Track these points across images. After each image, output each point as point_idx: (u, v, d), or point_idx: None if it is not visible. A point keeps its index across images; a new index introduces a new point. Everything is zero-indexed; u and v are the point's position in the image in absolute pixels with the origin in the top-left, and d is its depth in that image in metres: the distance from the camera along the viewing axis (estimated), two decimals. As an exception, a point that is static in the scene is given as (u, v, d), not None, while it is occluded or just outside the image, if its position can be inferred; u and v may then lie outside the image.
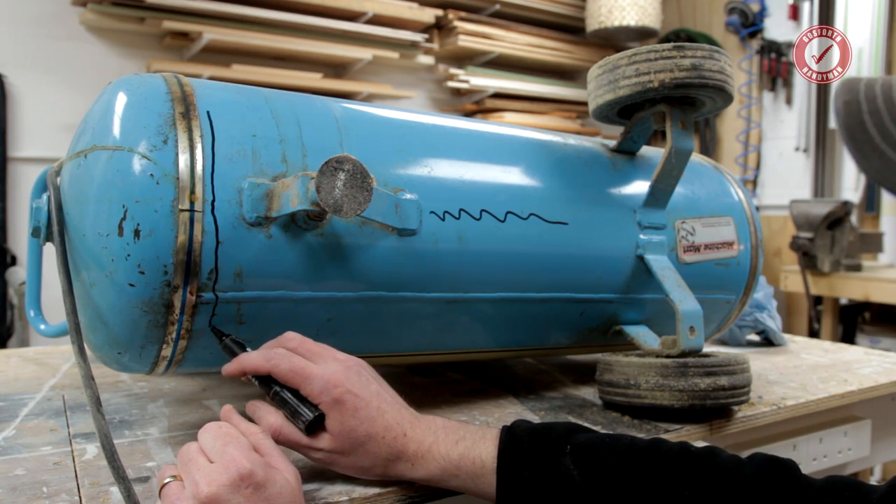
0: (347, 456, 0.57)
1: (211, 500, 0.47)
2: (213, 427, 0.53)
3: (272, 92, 0.71)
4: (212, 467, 0.48)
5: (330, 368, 0.57)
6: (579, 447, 0.57)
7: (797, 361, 1.12)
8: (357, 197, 0.60)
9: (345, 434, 0.56)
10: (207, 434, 0.52)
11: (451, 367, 1.02)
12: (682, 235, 0.90)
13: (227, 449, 0.50)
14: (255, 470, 0.48)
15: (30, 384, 0.90)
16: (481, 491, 0.58)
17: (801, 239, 2.34)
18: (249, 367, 0.59)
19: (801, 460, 0.88)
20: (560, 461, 0.56)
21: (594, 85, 0.83)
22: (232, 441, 0.51)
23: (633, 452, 0.56)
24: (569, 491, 0.55)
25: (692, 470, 0.54)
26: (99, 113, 0.64)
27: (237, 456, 0.49)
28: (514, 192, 0.78)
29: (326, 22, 2.57)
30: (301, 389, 0.57)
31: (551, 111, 3.24)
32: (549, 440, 0.58)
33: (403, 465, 0.58)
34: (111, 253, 0.59)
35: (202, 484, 0.47)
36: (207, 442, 0.51)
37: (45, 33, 2.31)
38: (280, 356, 0.58)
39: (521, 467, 0.57)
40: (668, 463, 0.55)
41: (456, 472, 0.58)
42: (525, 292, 0.79)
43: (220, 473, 0.48)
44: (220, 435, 0.52)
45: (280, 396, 0.57)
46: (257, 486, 0.48)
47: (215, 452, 0.50)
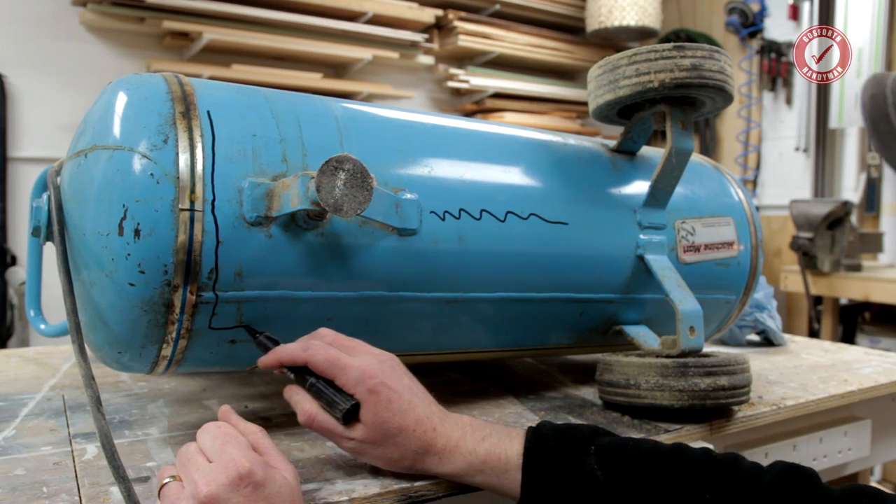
0: (378, 446, 0.58)
1: (210, 500, 0.47)
2: (211, 427, 0.53)
3: (272, 92, 0.71)
4: (211, 467, 0.49)
5: (365, 361, 0.59)
6: (603, 448, 0.58)
7: (797, 361, 1.12)
8: (357, 196, 0.60)
9: (378, 425, 0.57)
10: (206, 434, 0.52)
11: (451, 367, 1.02)
12: (682, 235, 0.90)
13: (226, 448, 0.50)
14: (255, 469, 0.49)
15: (30, 384, 0.90)
16: (505, 487, 0.59)
17: (801, 239, 2.34)
18: (286, 357, 0.60)
19: (801, 460, 0.88)
20: (584, 460, 0.58)
21: (594, 85, 0.83)
22: (231, 440, 0.51)
23: (656, 455, 0.58)
24: (592, 490, 0.56)
25: (713, 475, 0.55)
26: (99, 113, 0.64)
27: (236, 455, 0.49)
28: (515, 191, 0.78)
29: (326, 22, 2.57)
30: (336, 380, 0.58)
31: (551, 111, 3.24)
32: (575, 440, 0.59)
33: (431, 459, 0.59)
34: (111, 252, 0.59)
35: (201, 483, 0.47)
36: (206, 442, 0.52)
37: (45, 33, 2.31)
38: (317, 347, 0.59)
39: (547, 465, 0.58)
40: (689, 467, 0.56)
41: (482, 468, 0.59)
42: (525, 292, 0.79)
43: (219, 473, 0.48)
44: (218, 435, 0.52)
45: (316, 388, 0.59)
46: (257, 485, 0.48)
47: (214, 452, 0.50)
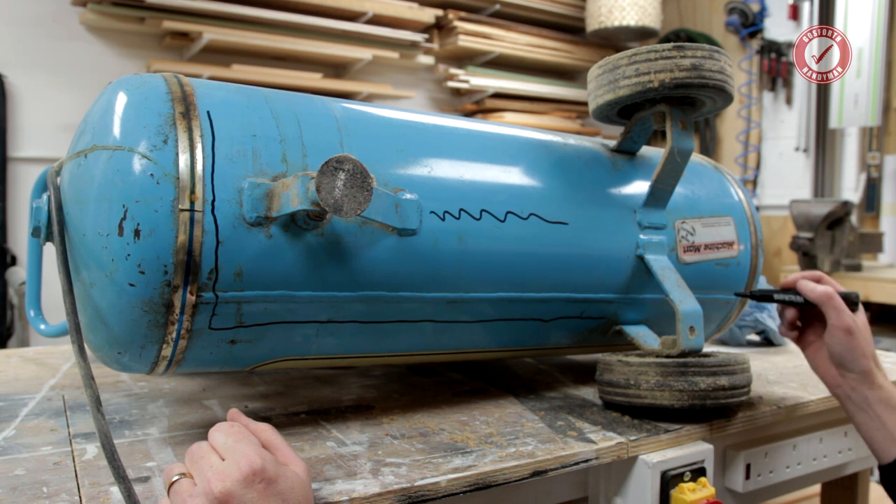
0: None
1: (224, 497, 0.47)
2: (224, 426, 0.54)
3: (272, 92, 0.71)
4: (223, 464, 0.49)
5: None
6: None
7: (797, 361, 1.12)
8: (357, 197, 0.60)
9: None
10: (218, 432, 0.53)
11: (451, 367, 1.02)
12: (682, 235, 0.90)
13: (238, 446, 0.50)
14: (267, 465, 0.49)
15: (30, 384, 0.90)
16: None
17: (801, 239, 2.34)
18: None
19: (801, 460, 0.88)
20: None
21: (594, 85, 0.83)
22: (243, 438, 0.51)
23: None
24: None
25: None
26: (99, 113, 0.64)
27: (248, 452, 0.49)
28: (514, 191, 0.78)
29: (326, 22, 2.57)
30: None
31: (551, 111, 3.24)
32: None
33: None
34: (111, 253, 0.59)
35: (214, 480, 0.48)
36: (218, 439, 0.52)
37: (45, 33, 2.31)
38: None
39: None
40: None
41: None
42: (525, 292, 0.79)
43: (232, 469, 0.48)
44: (230, 433, 0.52)
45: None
46: (269, 481, 0.48)
47: (227, 449, 0.50)
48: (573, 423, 0.76)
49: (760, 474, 0.83)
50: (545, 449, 0.68)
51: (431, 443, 0.69)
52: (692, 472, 0.72)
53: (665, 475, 0.71)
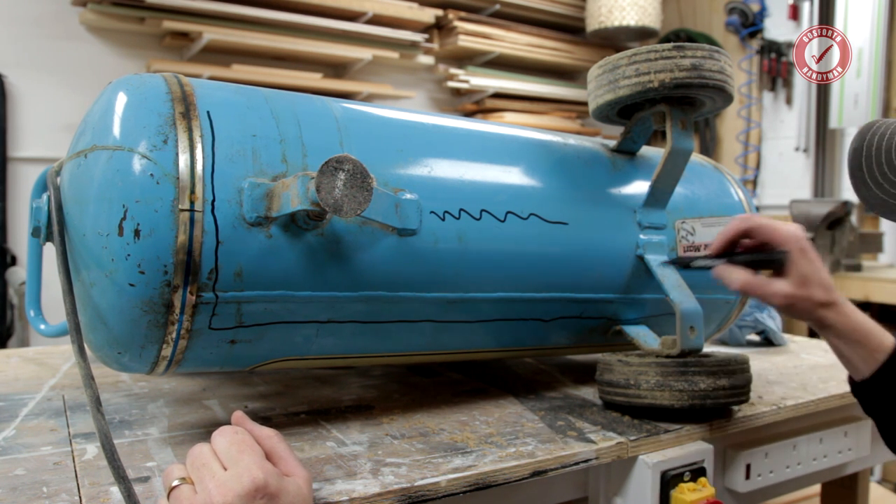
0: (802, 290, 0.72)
1: None
2: (228, 432, 0.53)
3: (272, 92, 0.71)
4: (226, 476, 0.48)
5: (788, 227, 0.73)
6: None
7: (797, 361, 1.12)
8: (357, 197, 0.60)
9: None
10: (223, 438, 0.52)
11: (451, 367, 1.02)
12: (682, 235, 0.90)
13: (241, 457, 0.50)
14: (270, 481, 0.48)
15: (30, 384, 0.90)
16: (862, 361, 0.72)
17: (801, 239, 2.33)
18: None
19: (801, 460, 0.88)
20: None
21: (594, 85, 0.83)
22: (247, 449, 0.51)
23: None
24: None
25: None
26: (99, 113, 0.64)
27: (251, 465, 0.49)
28: (515, 192, 0.78)
29: (326, 22, 2.57)
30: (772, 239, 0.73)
31: (551, 111, 3.24)
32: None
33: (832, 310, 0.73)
34: (111, 253, 0.59)
35: (216, 493, 0.47)
36: (222, 446, 0.51)
37: (45, 33, 2.31)
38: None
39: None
40: None
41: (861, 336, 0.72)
42: (525, 292, 0.79)
43: (234, 483, 0.47)
44: (235, 441, 0.51)
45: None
46: (271, 496, 0.48)
47: (230, 459, 0.50)
48: (573, 423, 0.76)
49: (760, 474, 0.84)
50: (545, 449, 0.68)
51: (431, 443, 0.69)
52: (692, 472, 0.72)
53: (665, 475, 0.71)
